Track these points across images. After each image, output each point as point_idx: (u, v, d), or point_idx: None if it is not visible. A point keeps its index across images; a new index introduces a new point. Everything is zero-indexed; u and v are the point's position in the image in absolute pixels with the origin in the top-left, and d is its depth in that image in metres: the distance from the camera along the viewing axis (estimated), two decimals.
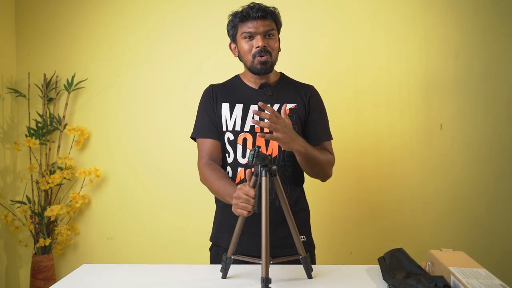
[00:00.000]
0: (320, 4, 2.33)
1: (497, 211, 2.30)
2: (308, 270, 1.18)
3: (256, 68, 1.37)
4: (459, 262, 1.07)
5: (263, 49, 1.34)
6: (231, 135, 1.39)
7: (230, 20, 1.41)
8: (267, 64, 1.36)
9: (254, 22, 1.34)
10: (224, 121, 1.40)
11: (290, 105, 1.41)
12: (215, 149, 1.41)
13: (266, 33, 1.36)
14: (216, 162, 1.41)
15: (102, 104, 2.40)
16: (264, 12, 1.34)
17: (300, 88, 1.47)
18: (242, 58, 1.42)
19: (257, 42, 1.35)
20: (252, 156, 1.05)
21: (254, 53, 1.36)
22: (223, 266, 1.19)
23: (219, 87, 1.48)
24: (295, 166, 1.40)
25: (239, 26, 1.38)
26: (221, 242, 1.43)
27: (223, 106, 1.42)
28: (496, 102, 2.29)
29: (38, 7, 2.41)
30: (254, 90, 1.43)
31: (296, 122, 1.39)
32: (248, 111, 1.39)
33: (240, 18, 1.36)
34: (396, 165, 2.32)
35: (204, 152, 1.41)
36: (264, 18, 1.35)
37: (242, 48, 1.39)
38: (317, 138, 1.43)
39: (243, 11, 1.35)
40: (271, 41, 1.37)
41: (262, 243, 1.04)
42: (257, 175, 1.10)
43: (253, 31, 1.35)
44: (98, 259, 2.40)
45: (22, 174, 2.39)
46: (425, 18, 2.29)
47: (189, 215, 2.37)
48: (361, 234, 2.33)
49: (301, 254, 1.17)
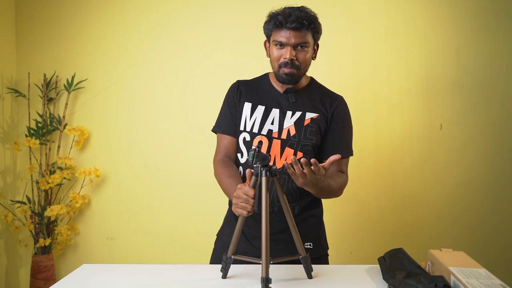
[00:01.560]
0: (320, 4, 2.32)
1: (497, 211, 2.30)
2: (308, 270, 1.18)
3: (282, 78, 1.35)
4: (459, 262, 1.07)
5: (290, 62, 1.30)
6: (248, 136, 1.37)
7: (266, 21, 1.35)
8: (292, 77, 1.33)
9: (287, 32, 1.28)
10: (244, 121, 1.38)
11: (312, 114, 1.38)
12: (232, 146, 1.41)
13: (298, 45, 1.30)
14: (232, 159, 1.41)
15: (102, 104, 2.40)
16: (299, 25, 1.27)
17: (327, 97, 1.42)
18: (271, 62, 1.39)
19: (285, 53, 1.30)
20: (252, 156, 1.05)
21: (281, 63, 1.32)
22: (223, 266, 1.19)
23: (246, 84, 1.45)
24: None
25: (273, 31, 1.32)
26: (223, 237, 1.44)
27: (245, 105, 1.39)
28: (496, 102, 2.29)
29: (38, 7, 2.41)
30: (279, 94, 1.40)
31: (315, 132, 1.36)
32: (269, 114, 1.37)
33: (273, 25, 1.30)
34: (396, 165, 2.32)
35: (221, 148, 1.42)
36: (298, 29, 1.28)
37: (272, 53, 1.35)
38: (337, 152, 1.34)
39: (279, 18, 1.28)
40: (302, 53, 1.32)
41: (262, 243, 1.04)
42: (257, 175, 1.10)
43: (284, 42, 1.29)
44: (98, 259, 2.40)
45: (22, 174, 2.39)
46: (425, 18, 2.30)
47: (189, 215, 2.37)
48: (361, 234, 2.33)
49: (301, 254, 1.17)
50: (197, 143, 2.35)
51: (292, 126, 1.36)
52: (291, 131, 1.35)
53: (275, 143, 1.35)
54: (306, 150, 1.35)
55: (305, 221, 1.39)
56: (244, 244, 1.38)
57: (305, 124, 1.36)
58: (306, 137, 1.35)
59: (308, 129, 1.36)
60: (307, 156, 1.35)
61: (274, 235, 1.29)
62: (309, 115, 1.37)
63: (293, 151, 1.34)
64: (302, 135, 1.35)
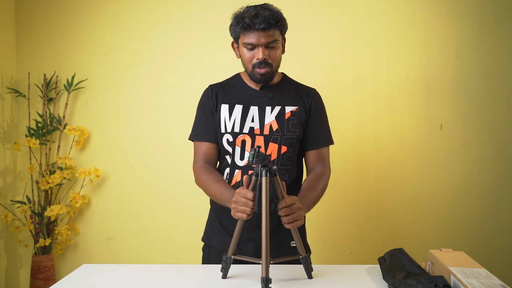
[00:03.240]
0: (319, 4, 2.33)
1: (497, 211, 2.30)
2: (308, 270, 1.18)
3: (256, 78, 1.35)
4: (459, 262, 1.07)
5: (263, 61, 1.31)
6: (230, 136, 1.37)
7: (232, 24, 1.35)
8: (266, 75, 1.34)
9: (256, 33, 1.28)
10: (223, 123, 1.38)
11: (291, 107, 1.39)
12: (211, 153, 1.41)
13: (269, 45, 1.31)
14: (212, 166, 1.41)
15: (102, 104, 2.40)
16: (268, 25, 1.27)
17: (302, 90, 1.44)
18: (242, 63, 1.39)
19: (258, 54, 1.30)
20: (252, 156, 1.05)
21: (254, 63, 1.32)
22: (223, 266, 1.19)
23: (219, 86, 1.45)
24: (293, 170, 1.40)
25: (241, 34, 1.32)
26: (213, 243, 1.44)
27: (222, 108, 1.39)
28: (496, 102, 2.29)
29: (38, 7, 2.41)
30: (255, 92, 1.41)
31: (297, 125, 1.38)
32: (248, 112, 1.37)
33: (242, 27, 1.30)
34: (396, 165, 2.32)
35: (200, 155, 1.41)
36: (267, 29, 1.28)
37: (243, 55, 1.35)
38: (316, 143, 1.41)
39: (246, 21, 1.28)
40: (273, 52, 1.32)
41: (262, 243, 1.04)
42: (257, 175, 1.10)
43: (255, 43, 1.30)
44: (98, 259, 2.40)
45: (22, 174, 2.39)
46: (425, 18, 2.29)
47: (189, 215, 2.37)
48: (361, 234, 2.33)
49: (301, 254, 1.17)
50: None
51: (273, 121, 1.36)
52: (274, 126, 1.36)
53: (258, 140, 1.35)
54: (290, 143, 1.36)
55: None
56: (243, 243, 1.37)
57: (286, 118, 1.37)
58: (289, 130, 1.36)
59: (290, 122, 1.37)
60: (291, 150, 1.36)
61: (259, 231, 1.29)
62: (288, 108, 1.38)
63: (277, 146, 1.35)
64: (285, 128, 1.36)
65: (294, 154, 1.39)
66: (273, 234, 1.29)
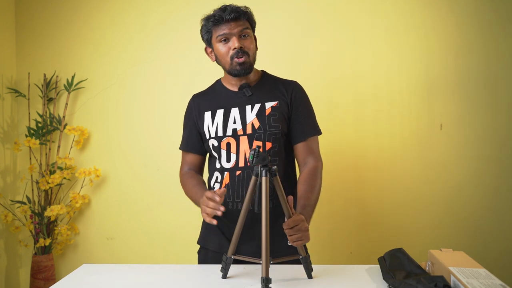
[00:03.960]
0: (319, 4, 2.33)
1: (497, 211, 2.30)
2: (308, 270, 1.18)
3: (236, 70, 1.35)
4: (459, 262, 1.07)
5: (240, 50, 1.33)
6: (215, 141, 1.39)
7: (203, 24, 1.39)
8: (245, 65, 1.35)
9: (228, 25, 1.33)
10: (207, 129, 1.41)
11: (271, 103, 1.39)
12: (194, 162, 1.49)
13: (241, 34, 1.34)
14: (196, 172, 1.49)
15: (102, 104, 2.40)
16: (237, 13, 1.32)
17: (282, 84, 1.44)
18: (220, 62, 1.40)
19: (233, 44, 1.33)
20: (253, 156, 1.06)
21: (232, 55, 1.34)
22: (223, 266, 1.19)
23: (201, 96, 1.50)
24: (281, 165, 1.38)
25: (213, 30, 1.36)
26: (210, 245, 1.44)
27: (206, 115, 1.43)
28: (496, 102, 2.29)
29: (38, 7, 2.41)
30: (234, 93, 1.42)
31: (279, 119, 1.37)
32: (229, 114, 1.39)
33: (213, 22, 1.34)
34: (396, 165, 2.32)
35: (184, 164, 1.52)
36: (237, 19, 1.33)
37: (219, 51, 1.37)
38: (303, 134, 1.40)
39: (216, 15, 1.34)
40: (247, 41, 1.35)
41: (262, 243, 1.04)
42: (257, 175, 1.10)
43: (228, 33, 1.33)
44: (98, 259, 2.40)
45: (22, 174, 2.39)
46: (425, 18, 2.29)
47: (189, 215, 2.36)
48: (361, 234, 2.33)
49: (301, 254, 1.17)
50: None
51: (255, 119, 1.37)
52: (255, 124, 1.37)
53: (242, 140, 1.36)
54: (274, 139, 1.37)
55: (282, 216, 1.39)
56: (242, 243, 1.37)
57: (267, 114, 1.37)
58: (271, 125, 1.36)
59: (271, 118, 1.37)
60: (277, 145, 1.37)
61: (258, 230, 1.30)
62: (268, 104, 1.39)
63: (261, 143, 1.35)
64: (266, 125, 1.36)
65: (280, 150, 1.38)
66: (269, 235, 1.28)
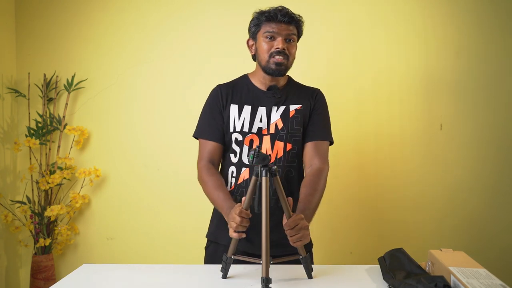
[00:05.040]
0: (319, 4, 2.33)
1: (497, 211, 2.30)
2: (308, 270, 1.18)
3: (271, 68, 1.38)
4: (459, 262, 1.07)
5: (282, 51, 1.36)
6: (239, 135, 1.41)
7: (254, 17, 1.41)
8: (281, 66, 1.38)
9: (278, 25, 1.36)
10: (232, 122, 1.42)
11: (295, 106, 1.43)
12: (216, 152, 1.44)
13: (288, 37, 1.38)
14: (215, 165, 1.45)
15: (102, 104, 2.40)
16: (290, 18, 1.37)
17: (306, 90, 1.49)
18: (258, 57, 1.42)
19: (277, 43, 1.36)
20: (253, 156, 1.06)
21: (272, 52, 1.37)
22: (223, 266, 1.19)
23: (227, 87, 1.48)
24: (300, 167, 1.44)
25: (263, 25, 1.39)
26: (220, 240, 1.44)
27: (232, 108, 1.43)
28: (496, 102, 2.29)
29: (38, 7, 2.41)
30: (263, 92, 1.44)
31: (300, 122, 1.42)
32: (256, 112, 1.41)
33: (266, 17, 1.37)
34: (396, 165, 2.32)
35: (205, 154, 1.44)
36: (289, 23, 1.37)
37: (261, 46, 1.39)
38: (314, 135, 1.43)
39: (271, 12, 1.37)
40: (290, 46, 1.39)
41: (262, 243, 1.04)
42: (257, 175, 1.10)
43: (276, 32, 1.36)
44: (98, 259, 2.40)
45: (22, 174, 2.39)
46: (425, 18, 2.29)
47: (189, 215, 2.37)
48: (361, 234, 2.33)
49: (301, 254, 1.17)
50: (197, 143, 2.34)
51: (279, 120, 1.41)
52: (279, 125, 1.41)
53: (265, 139, 1.40)
54: (295, 141, 1.41)
55: None
56: (242, 243, 1.37)
57: (290, 116, 1.42)
58: (293, 128, 1.41)
59: (294, 120, 1.42)
60: (296, 147, 1.41)
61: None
62: (293, 107, 1.43)
63: (283, 144, 1.39)
64: (289, 126, 1.41)
65: (299, 152, 1.43)
66: (275, 231, 1.30)
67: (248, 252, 1.34)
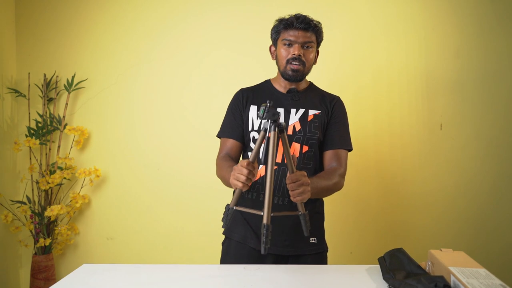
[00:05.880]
0: (319, 4, 2.33)
1: (497, 211, 2.30)
2: (306, 227, 1.22)
3: (288, 74, 1.44)
4: (459, 262, 1.07)
5: (298, 58, 1.41)
6: (257, 134, 1.46)
7: (275, 25, 1.47)
8: (297, 72, 1.43)
9: (296, 32, 1.41)
10: (251, 122, 1.48)
11: (314, 111, 1.47)
12: (234, 148, 1.50)
13: (305, 44, 1.42)
14: (233, 159, 1.48)
15: (102, 104, 2.40)
16: (307, 25, 1.41)
17: (326, 97, 1.54)
18: (278, 62, 1.49)
19: (294, 50, 1.41)
20: (263, 111, 1.10)
21: (289, 59, 1.42)
22: (224, 216, 1.22)
23: (249, 91, 1.55)
24: (315, 168, 1.47)
25: (282, 32, 1.45)
26: (234, 236, 1.49)
27: (251, 108, 1.49)
28: (495, 102, 2.29)
29: (38, 7, 2.41)
30: (282, 94, 1.50)
31: (318, 127, 1.46)
32: None
33: (284, 25, 1.43)
34: (396, 165, 2.32)
35: (224, 150, 1.51)
36: (306, 30, 1.42)
37: (279, 53, 1.46)
38: (332, 144, 1.48)
39: (289, 20, 1.42)
40: (307, 52, 1.44)
41: (266, 193, 1.09)
42: (266, 130, 1.14)
43: (293, 40, 1.42)
44: (98, 259, 2.40)
45: (22, 174, 2.39)
46: (425, 18, 2.30)
47: (189, 215, 2.37)
48: (361, 234, 2.33)
49: (300, 211, 1.22)
50: (197, 143, 2.35)
51: (297, 122, 1.45)
52: (297, 127, 1.45)
53: None
54: (311, 143, 1.45)
55: (312, 217, 1.45)
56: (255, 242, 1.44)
57: (309, 120, 1.46)
58: (310, 131, 1.45)
59: (312, 124, 1.46)
60: (312, 150, 1.45)
61: (283, 226, 1.41)
62: (311, 111, 1.47)
63: (299, 145, 1.43)
64: (307, 129, 1.45)
65: (315, 155, 1.47)
66: (293, 231, 1.41)
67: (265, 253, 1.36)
